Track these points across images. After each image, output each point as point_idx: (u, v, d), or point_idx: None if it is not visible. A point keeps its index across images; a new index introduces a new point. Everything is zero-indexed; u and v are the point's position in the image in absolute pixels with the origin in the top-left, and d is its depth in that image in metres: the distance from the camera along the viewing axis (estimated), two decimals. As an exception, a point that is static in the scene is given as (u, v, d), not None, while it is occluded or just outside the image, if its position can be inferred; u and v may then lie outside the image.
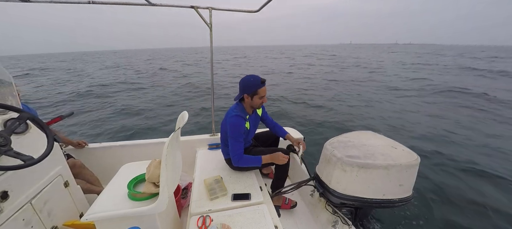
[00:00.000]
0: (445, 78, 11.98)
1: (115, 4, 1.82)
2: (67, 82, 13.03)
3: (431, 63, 20.06)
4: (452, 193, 2.97)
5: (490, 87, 9.32)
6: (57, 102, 8.18)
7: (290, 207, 1.98)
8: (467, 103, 7.06)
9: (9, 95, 1.22)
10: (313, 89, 9.70)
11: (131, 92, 9.83)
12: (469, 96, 7.99)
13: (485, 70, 14.66)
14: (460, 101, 7.41)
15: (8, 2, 1.60)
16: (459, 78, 12.12)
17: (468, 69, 15.89)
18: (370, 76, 13.32)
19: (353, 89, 9.53)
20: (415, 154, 1.38)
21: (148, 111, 6.77)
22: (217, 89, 9.76)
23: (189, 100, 8.21)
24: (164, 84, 11.70)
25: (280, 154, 1.67)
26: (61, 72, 19.41)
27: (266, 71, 16.65)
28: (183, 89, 10.19)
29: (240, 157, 1.62)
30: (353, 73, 14.61)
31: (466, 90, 8.65)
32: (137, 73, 16.75)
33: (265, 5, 1.86)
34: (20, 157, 0.95)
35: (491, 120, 5.61)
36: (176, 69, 19.16)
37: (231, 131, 1.61)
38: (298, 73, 15.01)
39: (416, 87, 9.71)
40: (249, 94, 1.61)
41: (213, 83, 2.36)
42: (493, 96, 7.72)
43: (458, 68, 16.66)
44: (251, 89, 1.59)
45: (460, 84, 9.87)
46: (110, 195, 1.24)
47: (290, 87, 10.01)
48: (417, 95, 8.43)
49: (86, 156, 2.15)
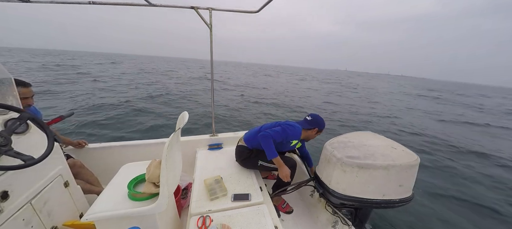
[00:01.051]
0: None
1: (115, 4, 1.82)
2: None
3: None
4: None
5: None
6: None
7: (285, 212, 1.99)
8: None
9: (10, 95, 1.22)
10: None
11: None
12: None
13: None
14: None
15: (8, 2, 1.60)
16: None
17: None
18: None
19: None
20: (415, 154, 1.38)
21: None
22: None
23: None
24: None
25: (288, 172, 1.73)
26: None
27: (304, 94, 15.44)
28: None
29: (269, 138, 1.75)
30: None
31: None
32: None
33: (265, 6, 1.86)
34: (20, 157, 0.95)
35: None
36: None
37: (287, 130, 1.82)
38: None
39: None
40: (318, 130, 1.92)
41: (213, 84, 2.36)
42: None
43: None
44: (321, 128, 1.93)
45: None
46: (110, 195, 1.24)
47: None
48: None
49: (86, 156, 2.15)
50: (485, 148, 5.84)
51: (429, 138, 6.45)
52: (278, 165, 1.73)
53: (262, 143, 1.75)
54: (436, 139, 6.33)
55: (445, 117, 10.32)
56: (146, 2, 1.74)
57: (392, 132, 6.86)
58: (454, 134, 7.28)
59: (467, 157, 5.15)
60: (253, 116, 7.55)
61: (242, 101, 10.24)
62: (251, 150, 1.92)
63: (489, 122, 9.78)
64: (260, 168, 1.90)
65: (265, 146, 1.73)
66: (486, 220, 2.90)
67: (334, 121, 7.76)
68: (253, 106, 9.32)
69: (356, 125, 7.56)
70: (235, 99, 10.50)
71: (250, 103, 9.87)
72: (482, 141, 6.64)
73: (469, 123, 9.34)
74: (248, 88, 15.20)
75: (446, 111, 12.56)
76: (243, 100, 10.54)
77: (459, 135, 7.12)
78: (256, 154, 1.89)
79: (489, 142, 6.68)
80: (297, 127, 1.90)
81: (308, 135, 1.95)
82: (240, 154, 1.96)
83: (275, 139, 1.75)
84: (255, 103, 9.83)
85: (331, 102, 11.96)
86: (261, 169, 1.93)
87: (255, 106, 9.35)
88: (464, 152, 5.46)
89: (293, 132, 1.85)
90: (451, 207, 3.09)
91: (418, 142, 5.97)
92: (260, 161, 1.86)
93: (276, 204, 1.96)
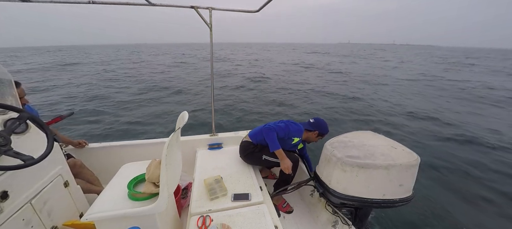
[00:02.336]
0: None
1: (115, 4, 1.82)
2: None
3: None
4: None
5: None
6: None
7: (285, 212, 1.99)
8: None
9: (9, 95, 1.22)
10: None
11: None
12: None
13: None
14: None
15: (8, 2, 1.60)
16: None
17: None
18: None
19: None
20: (415, 154, 1.38)
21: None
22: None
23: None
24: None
25: (289, 163, 1.74)
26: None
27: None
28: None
29: (272, 131, 1.81)
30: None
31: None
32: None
33: (265, 5, 1.86)
34: (20, 157, 0.95)
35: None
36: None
37: (289, 126, 1.89)
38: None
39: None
40: (319, 133, 1.96)
41: (213, 84, 2.36)
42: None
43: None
44: (322, 132, 1.96)
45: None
46: (110, 195, 1.24)
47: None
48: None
49: (86, 156, 2.15)
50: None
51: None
52: (280, 157, 1.76)
53: (265, 135, 1.80)
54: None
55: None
56: (146, 2, 1.74)
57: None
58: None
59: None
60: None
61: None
62: (256, 145, 1.95)
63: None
64: (264, 163, 1.92)
65: (268, 138, 1.78)
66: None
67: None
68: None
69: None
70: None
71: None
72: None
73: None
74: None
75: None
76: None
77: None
78: (261, 149, 1.92)
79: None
80: (300, 126, 1.94)
81: (309, 137, 2.00)
82: (244, 149, 1.98)
83: (278, 133, 1.81)
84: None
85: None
86: (265, 164, 1.95)
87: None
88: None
89: (295, 129, 1.90)
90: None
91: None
92: (264, 156, 1.89)
93: (276, 203, 1.97)
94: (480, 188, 3.23)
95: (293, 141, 1.92)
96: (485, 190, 3.18)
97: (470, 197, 3.07)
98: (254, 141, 1.97)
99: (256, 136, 1.97)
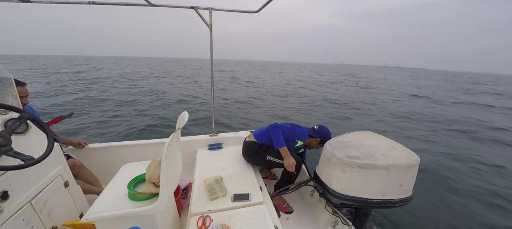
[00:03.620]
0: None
1: (115, 5, 1.82)
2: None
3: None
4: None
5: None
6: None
7: (285, 212, 1.99)
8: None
9: (10, 95, 1.22)
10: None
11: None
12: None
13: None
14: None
15: (8, 2, 1.60)
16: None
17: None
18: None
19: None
20: (415, 154, 1.38)
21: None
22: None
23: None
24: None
25: (293, 161, 1.74)
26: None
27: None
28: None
29: (278, 129, 1.85)
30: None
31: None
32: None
33: (265, 6, 1.86)
34: (20, 157, 0.95)
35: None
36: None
37: (295, 128, 1.94)
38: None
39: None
40: (321, 140, 2.00)
41: (213, 84, 2.36)
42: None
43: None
44: (324, 139, 1.97)
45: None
46: (110, 195, 1.24)
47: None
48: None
49: (86, 156, 2.15)
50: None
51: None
52: (284, 154, 1.76)
53: (271, 132, 1.81)
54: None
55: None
56: (146, 2, 1.74)
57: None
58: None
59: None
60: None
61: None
62: (260, 145, 1.95)
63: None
64: (267, 164, 1.91)
65: (273, 135, 1.80)
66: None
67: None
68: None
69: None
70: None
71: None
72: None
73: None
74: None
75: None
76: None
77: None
78: (265, 149, 1.92)
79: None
80: (305, 130, 1.98)
81: (310, 142, 2.03)
82: (248, 149, 1.98)
83: (283, 132, 1.84)
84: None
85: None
86: (268, 165, 1.94)
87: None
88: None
89: (300, 133, 1.93)
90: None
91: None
92: (268, 156, 1.88)
93: (277, 204, 1.96)
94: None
95: (296, 144, 1.93)
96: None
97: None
98: (259, 141, 1.96)
99: (261, 136, 1.97)
